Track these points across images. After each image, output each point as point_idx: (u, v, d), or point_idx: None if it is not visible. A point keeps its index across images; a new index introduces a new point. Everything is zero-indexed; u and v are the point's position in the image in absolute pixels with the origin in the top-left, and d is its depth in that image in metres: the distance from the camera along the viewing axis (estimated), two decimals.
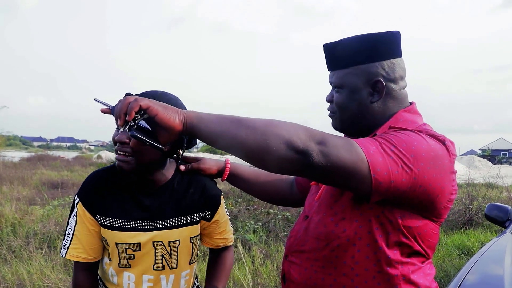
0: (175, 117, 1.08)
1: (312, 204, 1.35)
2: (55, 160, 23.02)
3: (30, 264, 4.59)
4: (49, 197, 9.20)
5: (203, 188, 1.56)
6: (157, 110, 1.07)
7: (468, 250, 5.75)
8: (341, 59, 1.29)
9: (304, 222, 1.34)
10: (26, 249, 5.12)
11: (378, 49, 1.26)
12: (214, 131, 1.07)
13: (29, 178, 13.35)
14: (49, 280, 4.16)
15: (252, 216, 6.69)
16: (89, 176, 1.52)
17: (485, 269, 2.63)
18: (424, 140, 1.13)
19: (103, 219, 1.46)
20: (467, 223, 7.43)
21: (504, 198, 9.28)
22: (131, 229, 1.46)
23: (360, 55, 1.26)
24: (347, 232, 1.20)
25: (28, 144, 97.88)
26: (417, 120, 1.28)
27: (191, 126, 1.08)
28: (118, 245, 1.46)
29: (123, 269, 1.50)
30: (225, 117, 1.08)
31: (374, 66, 1.26)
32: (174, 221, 1.50)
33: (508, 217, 3.45)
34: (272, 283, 4.28)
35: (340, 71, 1.30)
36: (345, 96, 1.29)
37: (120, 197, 1.47)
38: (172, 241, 1.50)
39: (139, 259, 1.48)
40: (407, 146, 1.10)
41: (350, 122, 1.32)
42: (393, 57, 1.27)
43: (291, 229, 1.40)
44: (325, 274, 1.23)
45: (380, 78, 1.26)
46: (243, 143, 1.03)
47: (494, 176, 10.34)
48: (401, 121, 1.26)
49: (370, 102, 1.28)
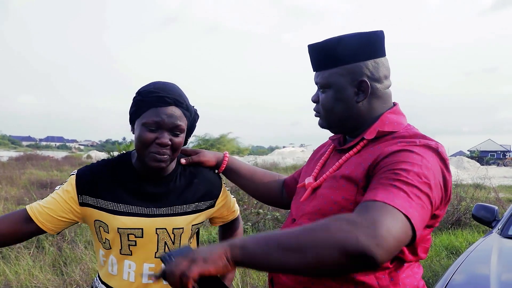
0: (225, 263, 1.03)
1: (300, 208, 1.34)
2: (44, 160, 22.84)
3: (17, 264, 4.55)
4: (38, 196, 9.11)
5: (205, 179, 1.61)
6: (209, 270, 1.03)
7: (456, 250, 5.81)
8: (326, 59, 1.29)
9: (291, 225, 1.33)
10: (13, 249, 5.07)
11: (362, 49, 1.26)
12: (263, 264, 1.03)
13: (18, 177, 13.24)
14: (37, 281, 4.13)
15: (242, 217, 6.69)
16: (93, 163, 1.55)
17: (471, 268, 2.66)
18: (428, 161, 1.13)
19: (105, 203, 1.47)
20: (455, 223, 7.49)
21: (491, 198, 9.37)
22: (134, 214, 1.47)
23: (345, 55, 1.26)
24: None
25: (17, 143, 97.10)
26: (402, 121, 1.30)
27: (241, 263, 1.04)
28: (120, 230, 1.46)
29: (124, 257, 1.49)
30: (269, 244, 1.02)
31: (358, 66, 1.27)
32: (178, 209, 1.53)
33: (495, 217, 3.49)
34: (261, 283, 4.28)
35: (325, 71, 1.30)
36: (331, 96, 1.30)
37: (124, 183, 1.50)
38: (176, 228, 1.52)
39: (141, 246, 1.48)
40: (422, 179, 1.09)
41: (336, 122, 1.33)
42: (377, 56, 1.28)
43: None
44: (315, 278, 1.22)
45: (364, 78, 1.27)
46: (296, 268, 1.01)
47: (482, 177, 10.44)
48: (387, 123, 1.27)
49: (356, 101, 1.28)
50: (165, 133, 1.41)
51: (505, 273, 2.49)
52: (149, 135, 1.40)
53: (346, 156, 1.29)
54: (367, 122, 1.29)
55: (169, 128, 1.41)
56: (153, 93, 1.40)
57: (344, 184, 1.22)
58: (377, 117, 1.29)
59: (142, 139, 1.40)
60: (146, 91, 1.42)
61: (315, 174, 1.39)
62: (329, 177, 1.30)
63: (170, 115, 1.40)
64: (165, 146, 1.41)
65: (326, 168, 1.38)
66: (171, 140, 1.41)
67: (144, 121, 1.40)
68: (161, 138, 1.40)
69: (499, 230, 3.25)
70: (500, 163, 48.35)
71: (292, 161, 26.42)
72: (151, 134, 1.40)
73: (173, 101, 1.41)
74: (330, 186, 1.26)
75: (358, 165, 1.22)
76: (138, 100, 1.43)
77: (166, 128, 1.40)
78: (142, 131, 1.40)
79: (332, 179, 1.28)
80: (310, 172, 1.43)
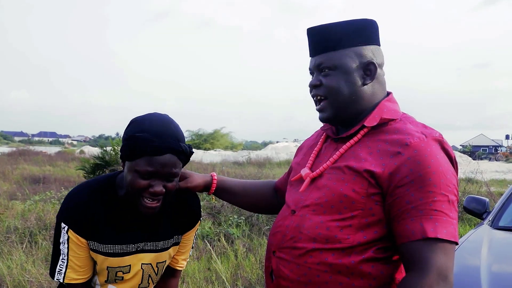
0: None
1: (299, 199, 1.33)
2: (37, 155, 22.72)
3: (10, 259, 4.54)
4: (31, 192, 9.09)
5: (188, 210, 1.57)
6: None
7: None
8: (333, 41, 1.29)
9: (292, 217, 1.31)
10: (6, 244, 5.05)
11: (368, 32, 1.31)
12: None
13: (10, 173, 13.18)
14: (30, 275, 4.12)
15: (235, 210, 6.70)
16: (71, 196, 1.45)
17: (462, 260, 2.67)
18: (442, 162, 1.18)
19: (94, 244, 1.43)
20: None
21: (483, 192, 9.43)
22: (124, 254, 1.45)
23: (355, 37, 1.29)
24: (350, 240, 1.20)
25: (9, 139, 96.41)
26: (397, 109, 1.33)
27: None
28: (109, 268, 1.46)
29: (108, 284, 1.50)
30: None
31: (365, 48, 1.30)
32: (164, 244, 1.52)
33: (485, 209, 3.52)
34: (254, 276, 4.29)
35: (332, 53, 1.29)
36: (338, 78, 1.29)
37: (111, 220, 1.44)
38: (160, 262, 1.53)
39: (127, 280, 1.49)
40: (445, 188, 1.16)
41: (342, 106, 1.31)
42: (377, 43, 1.33)
43: (275, 224, 1.38)
44: (321, 271, 1.22)
45: (372, 60, 1.30)
46: None
47: (474, 171, 10.49)
48: (385, 111, 1.29)
49: (362, 84, 1.30)
50: (158, 180, 1.34)
51: (495, 264, 2.52)
52: (141, 182, 1.33)
53: (347, 145, 1.29)
54: (367, 109, 1.31)
55: (163, 176, 1.34)
56: (148, 142, 1.31)
57: (354, 177, 1.22)
58: (375, 105, 1.31)
59: (134, 186, 1.33)
60: (140, 139, 1.31)
61: (310, 164, 1.37)
62: (332, 168, 1.28)
63: (164, 164, 1.32)
64: (159, 195, 1.36)
65: (321, 158, 1.36)
66: (165, 186, 1.35)
67: (137, 169, 1.32)
68: (154, 187, 1.33)
69: (490, 221, 3.28)
70: (492, 158, 48.63)
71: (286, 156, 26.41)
72: (143, 182, 1.33)
73: (169, 150, 1.33)
74: (336, 178, 1.25)
75: (366, 159, 1.22)
76: (131, 145, 1.33)
77: (159, 176, 1.33)
78: (134, 177, 1.33)
79: (336, 170, 1.27)
80: (304, 163, 1.41)
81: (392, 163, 1.18)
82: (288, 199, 1.40)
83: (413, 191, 1.15)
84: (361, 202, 1.20)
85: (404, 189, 1.16)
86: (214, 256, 4.76)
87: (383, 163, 1.19)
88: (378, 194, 1.20)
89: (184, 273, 4.33)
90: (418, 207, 1.14)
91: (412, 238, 1.13)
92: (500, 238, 3.04)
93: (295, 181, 1.41)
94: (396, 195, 1.17)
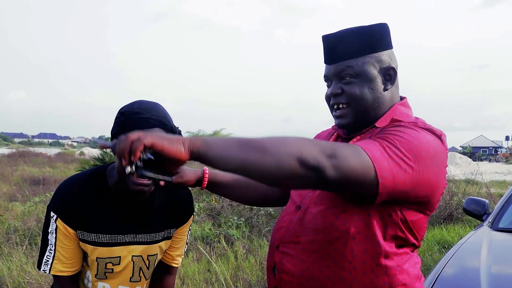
0: (181, 147, 1.03)
1: (304, 194, 1.34)
2: (36, 157, 22.67)
3: (10, 260, 4.53)
4: (31, 193, 9.08)
5: (180, 205, 1.58)
6: (162, 145, 1.02)
7: (448, 245, 5.84)
8: (352, 49, 1.29)
9: (297, 212, 1.32)
10: (6, 245, 5.05)
11: (385, 38, 1.32)
12: (223, 157, 1.04)
13: (10, 174, 13.15)
14: (30, 277, 4.12)
15: (235, 212, 6.70)
16: (63, 187, 1.47)
17: (462, 261, 2.68)
18: (423, 137, 1.17)
19: (83, 234, 1.44)
20: (447, 218, 7.55)
21: (483, 193, 9.44)
22: (113, 244, 1.45)
23: (373, 44, 1.29)
24: (347, 225, 1.21)
25: (9, 140, 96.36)
26: (410, 113, 1.33)
27: (198, 154, 1.05)
28: (98, 259, 1.45)
29: (99, 280, 1.50)
30: (232, 141, 1.06)
31: (385, 54, 1.31)
32: (154, 237, 1.52)
33: (485, 210, 3.52)
34: (254, 277, 4.29)
35: (352, 60, 1.29)
36: (361, 85, 1.29)
37: (101, 210, 1.44)
38: (151, 255, 1.52)
39: (117, 273, 1.49)
40: (409, 146, 1.13)
41: (363, 113, 1.30)
42: (391, 47, 1.35)
43: (280, 220, 1.39)
44: (323, 266, 1.23)
45: (392, 65, 1.31)
46: (254, 166, 1.02)
47: (474, 172, 10.50)
48: (398, 113, 1.30)
49: (384, 89, 1.31)
50: None
51: (494, 266, 2.52)
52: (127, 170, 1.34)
53: (353, 141, 1.30)
54: (382, 112, 1.31)
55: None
56: (137, 115, 1.34)
57: None
58: (389, 108, 1.32)
59: None
60: (129, 112, 1.36)
61: None
62: None
63: None
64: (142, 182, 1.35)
65: None
66: None
67: None
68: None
69: (489, 223, 3.28)
70: (492, 159, 48.69)
71: None
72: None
73: (158, 123, 1.35)
74: None
75: None
76: (121, 121, 1.36)
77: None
78: None
79: None
80: None
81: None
82: (293, 195, 1.41)
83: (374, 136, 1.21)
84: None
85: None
86: (214, 257, 4.76)
87: None
88: None
89: (184, 274, 4.33)
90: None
91: None
92: (500, 239, 3.05)
93: None
94: None
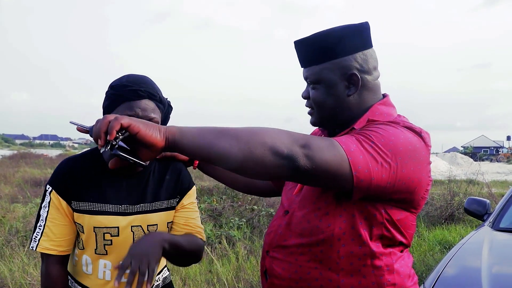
0: (157, 133, 1.05)
1: (292, 199, 1.35)
2: (38, 158, 22.68)
3: (12, 262, 4.54)
4: (32, 195, 9.08)
5: (178, 175, 1.59)
6: (139, 127, 1.03)
7: (450, 245, 5.84)
8: (314, 55, 1.28)
9: (284, 217, 1.33)
10: (8, 247, 5.06)
11: (350, 42, 1.26)
12: (198, 145, 1.05)
13: (11, 176, 13.16)
14: (32, 278, 4.12)
15: (237, 213, 6.71)
16: (60, 163, 1.51)
17: (463, 261, 2.68)
18: (402, 133, 1.16)
19: (79, 204, 1.45)
20: (449, 218, 7.56)
21: (484, 194, 9.44)
22: (110, 213, 1.46)
23: (333, 50, 1.25)
24: (331, 227, 1.21)
25: (10, 142, 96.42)
26: (392, 112, 1.31)
27: (173, 142, 1.06)
28: (96, 229, 1.45)
29: (99, 256, 1.48)
30: (207, 129, 1.07)
31: (347, 59, 1.26)
32: (152, 206, 1.52)
33: (486, 210, 3.52)
34: (256, 278, 4.30)
35: (314, 67, 1.29)
36: (322, 92, 1.29)
37: (97, 181, 1.46)
38: (150, 225, 1.51)
39: (117, 245, 1.47)
40: (385, 141, 1.13)
41: (328, 117, 1.32)
42: (365, 48, 1.28)
43: (270, 225, 1.40)
44: (311, 268, 1.24)
45: (354, 71, 1.26)
46: (227, 154, 1.03)
47: (475, 172, 10.50)
48: (377, 114, 1.28)
49: (347, 95, 1.28)
50: None
51: (496, 266, 2.52)
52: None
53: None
54: (358, 115, 1.30)
55: None
56: (126, 87, 1.39)
57: None
58: (367, 109, 1.29)
59: None
60: (118, 85, 1.41)
61: None
62: None
63: (144, 108, 1.39)
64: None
65: None
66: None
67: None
68: None
69: (490, 223, 3.28)
70: (493, 159, 48.57)
71: None
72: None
73: (147, 94, 1.40)
74: None
75: None
76: (111, 94, 1.41)
77: None
78: None
79: None
80: None
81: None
82: (283, 199, 1.42)
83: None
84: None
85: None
86: (215, 258, 4.77)
87: None
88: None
89: (186, 275, 4.34)
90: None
91: None
92: (501, 239, 3.05)
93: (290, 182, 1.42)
94: None
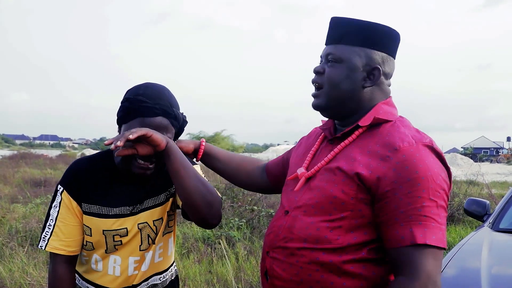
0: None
1: (292, 199, 1.35)
2: (38, 158, 22.69)
3: (11, 262, 4.54)
4: (32, 195, 9.09)
5: None
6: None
7: (449, 246, 5.83)
8: (350, 35, 1.30)
9: (285, 217, 1.33)
10: (7, 247, 5.06)
11: (387, 42, 1.32)
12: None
13: (11, 176, 13.17)
14: (31, 278, 4.12)
15: (237, 213, 6.71)
16: (71, 164, 1.53)
17: (462, 262, 2.68)
18: (433, 168, 1.18)
19: (89, 206, 1.47)
20: (449, 219, 7.54)
21: (484, 194, 9.43)
22: (119, 216, 1.47)
23: (372, 39, 1.30)
24: (340, 240, 1.22)
25: (10, 142, 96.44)
26: (394, 112, 1.33)
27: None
28: (105, 232, 1.46)
29: (109, 254, 1.51)
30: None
31: (378, 54, 1.30)
32: (156, 200, 1.53)
33: (486, 211, 3.51)
34: (255, 279, 4.30)
35: (344, 46, 1.31)
36: (341, 71, 1.30)
37: (104, 183, 1.48)
38: (156, 220, 1.53)
39: (127, 244, 1.50)
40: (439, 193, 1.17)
41: (336, 101, 1.32)
42: (391, 54, 1.34)
43: (270, 225, 1.40)
44: (312, 270, 1.23)
45: (378, 66, 1.30)
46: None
47: (475, 173, 10.50)
48: (381, 112, 1.30)
49: (362, 86, 1.31)
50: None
51: (495, 266, 2.51)
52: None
53: (342, 145, 1.30)
54: (363, 110, 1.32)
55: None
56: (141, 103, 1.38)
57: (344, 179, 1.23)
58: (372, 107, 1.32)
59: None
60: (134, 100, 1.39)
61: (306, 164, 1.38)
62: (324, 169, 1.30)
63: (157, 126, 1.38)
64: (151, 158, 1.40)
65: (317, 159, 1.37)
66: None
67: None
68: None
69: (490, 224, 3.27)
70: (493, 160, 48.58)
71: None
72: None
73: (161, 112, 1.39)
74: (327, 180, 1.27)
75: (355, 160, 1.23)
76: (125, 107, 1.41)
77: None
78: None
79: (328, 171, 1.28)
80: (301, 163, 1.42)
81: (380, 167, 1.19)
82: (283, 199, 1.42)
83: (402, 196, 1.15)
84: (351, 204, 1.21)
85: (392, 194, 1.16)
86: (215, 258, 4.77)
87: (371, 164, 1.21)
88: (367, 197, 1.21)
89: (185, 276, 4.34)
90: (407, 212, 1.15)
91: (401, 243, 1.14)
92: (501, 240, 3.04)
93: (291, 181, 1.42)
94: (384, 200, 1.18)
